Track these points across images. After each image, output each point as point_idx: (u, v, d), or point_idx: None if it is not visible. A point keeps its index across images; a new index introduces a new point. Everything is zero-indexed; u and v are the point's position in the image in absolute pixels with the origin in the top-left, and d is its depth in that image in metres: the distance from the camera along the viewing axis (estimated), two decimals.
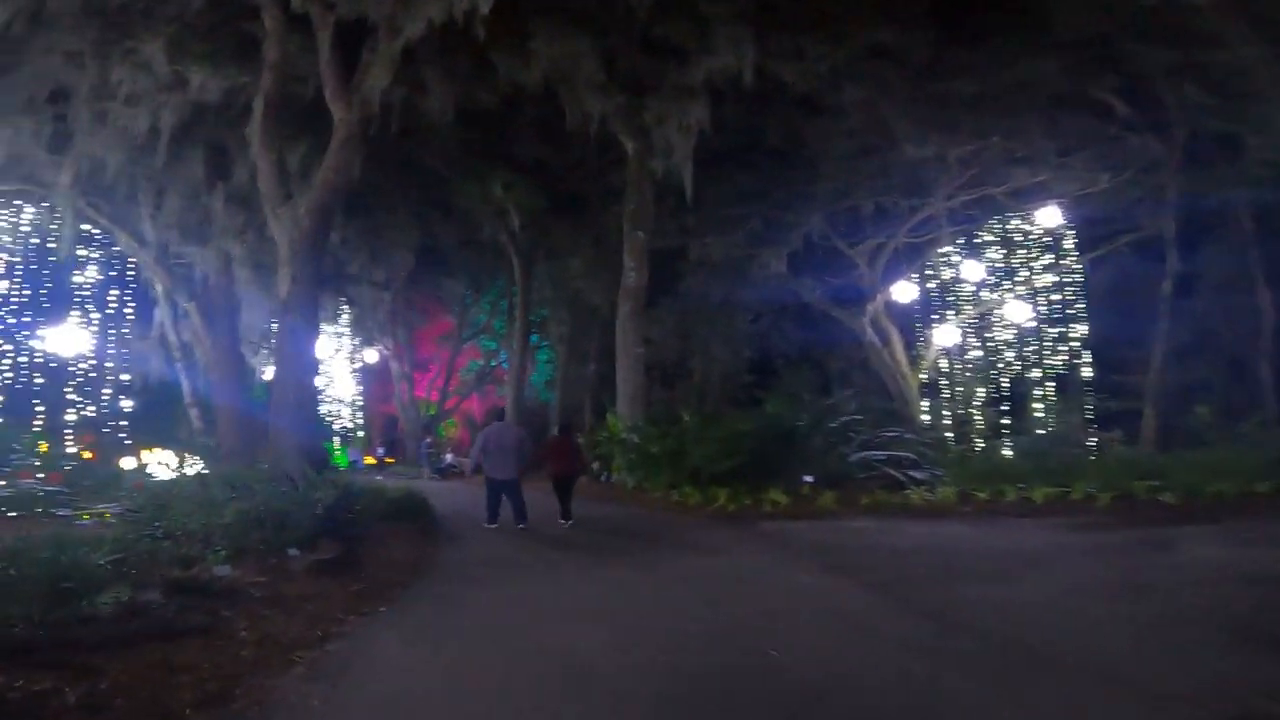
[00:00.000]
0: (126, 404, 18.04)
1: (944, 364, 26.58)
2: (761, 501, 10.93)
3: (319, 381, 30.60)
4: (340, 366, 30.54)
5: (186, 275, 14.39)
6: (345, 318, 26.61)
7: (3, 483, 8.10)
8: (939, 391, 26.14)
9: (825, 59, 14.98)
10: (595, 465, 15.58)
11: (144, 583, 5.07)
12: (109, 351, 17.75)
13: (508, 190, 20.85)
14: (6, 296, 13.25)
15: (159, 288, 14.91)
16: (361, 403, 32.53)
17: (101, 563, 4.92)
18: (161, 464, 15.75)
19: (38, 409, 14.35)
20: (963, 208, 21.21)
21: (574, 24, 13.69)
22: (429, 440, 23.94)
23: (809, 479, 11.53)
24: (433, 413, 30.48)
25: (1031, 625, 4.91)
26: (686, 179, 16.11)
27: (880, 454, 11.88)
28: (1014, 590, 6.00)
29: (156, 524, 6.86)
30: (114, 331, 17.35)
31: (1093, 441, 18.41)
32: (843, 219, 22.38)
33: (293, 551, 6.52)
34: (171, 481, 7.93)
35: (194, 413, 15.83)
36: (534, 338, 32.18)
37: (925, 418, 23.38)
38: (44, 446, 10.17)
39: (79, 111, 11.58)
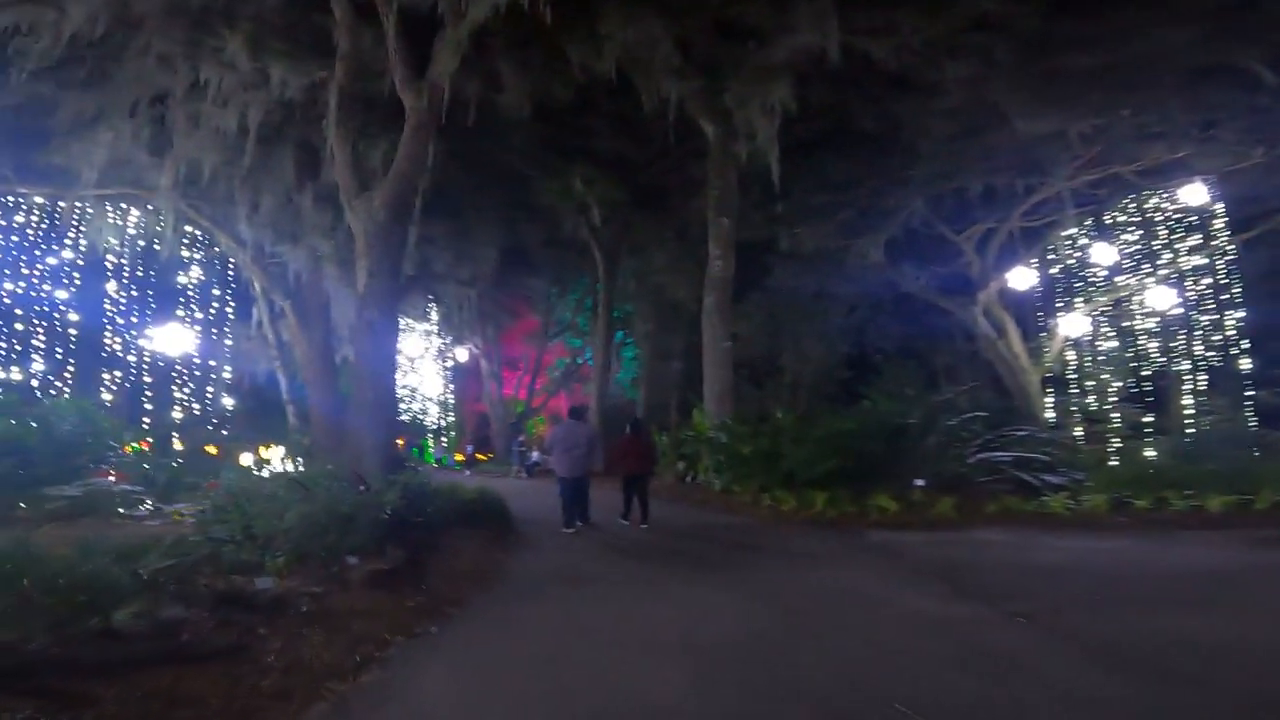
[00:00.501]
0: (229, 402, 18.86)
1: (1071, 356, 23.85)
2: (866, 508, 9.70)
3: (406, 379, 31.75)
4: (429, 364, 31.00)
5: (282, 274, 14.70)
6: (434, 316, 26.82)
7: (74, 485, 8.06)
8: (1065, 386, 23.46)
9: (920, 33, 13.50)
10: (680, 466, 14.69)
11: (184, 594, 4.64)
12: (212, 351, 18.55)
13: (588, 185, 20.38)
14: (115, 298, 13.80)
15: (257, 287, 15.32)
16: (453, 401, 33.04)
17: (138, 572, 4.49)
18: (265, 461, 16.33)
19: (146, 407, 15.10)
20: (1087, 187, 18.86)
21: (644, 6, 12.89)
22: (521, 439, 23.83)
23: (921, 483, 10.16)
24: (520, 410, 30.54)
25: (1265, 671, 3.62)
26: (773, 163, 14.99)
27: (1005, 455, 10.33)
28: (1215, 621, 4.64)
29: (221, 526, 6.57)
30: (216, 331, 18.10)
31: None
32: (947, 203, 20.48)
33: (352, 560, 6.01)
34: (249, 480, 7.72)
35: (290, 410, 16.26)
36: (620, 335, 31.73)
37: (1050, 415, 20.97)
38: (143, 444, 10.56)
39: (175, 114, 11.86)
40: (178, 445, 16.44)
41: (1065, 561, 7.08)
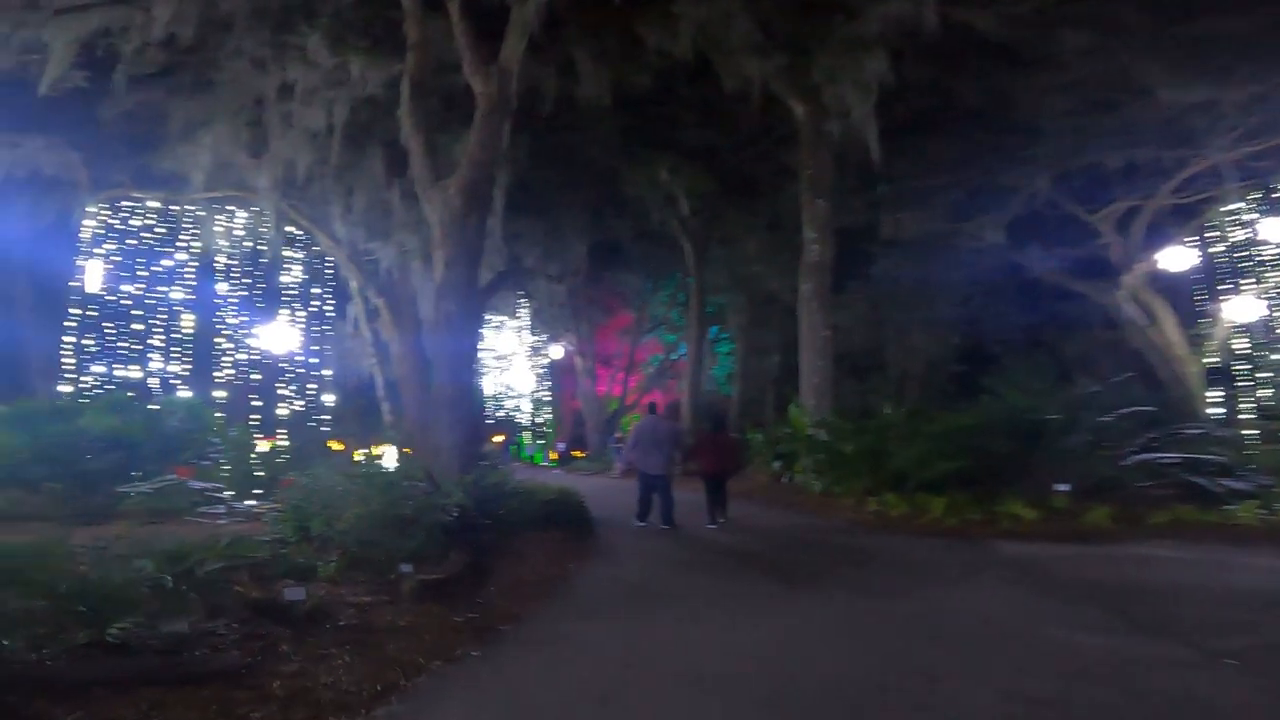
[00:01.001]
0: (329, 398, 19.54)
1: (1240, 344, 20.52)
2: (996, 516, 8.28)
3: (501, 376, 32.28)
4: (521, 361, 31.20)
5: (376, 271, 14.88)
6: (525, 313, 26.85)
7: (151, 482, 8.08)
8: (1233, 378, 20.19)
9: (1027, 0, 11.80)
10: (775, 465, 13.54)
11: (213, 603, 4.20)
12: (313, 348, 19.24)
13: (674, 175, 19.63)
14: (225, 298, 14.38)
15: (353, 284, 15.61)
16: (549, 398, 33.15)
17: (163, 577, 4.08)
18: (377, 458, 16.67)
19: (254, 404, 15.74)
20: (1249, 159, 15.97)
21: None
22: (617, 435, 23.35)
23: (1064, 487, 8.59)
24: (615, 407, 30.15)
25: None
26: (871, 141, 13.63)
27: (1172, 456, 8.55)
28: None
29: (283, 526, 6.26)
30: (317, 329, 18.76)
31: None
32: (1077, 181, 18.08)
33: (405, 567, 5.47)
34: (321, 478, 7.50)
35: (385, 406, 16.53)
36: (714, 330, 30.70)
37: (1215, 410, 18.02)
38: (270, 440, 10.91)
39: (270, 114, 12.08)
40: (288, 441, 17.09)
41: (1272, 586, 5.52)
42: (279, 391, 14.72)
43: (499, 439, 37.41)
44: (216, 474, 9.37)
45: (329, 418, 18.80)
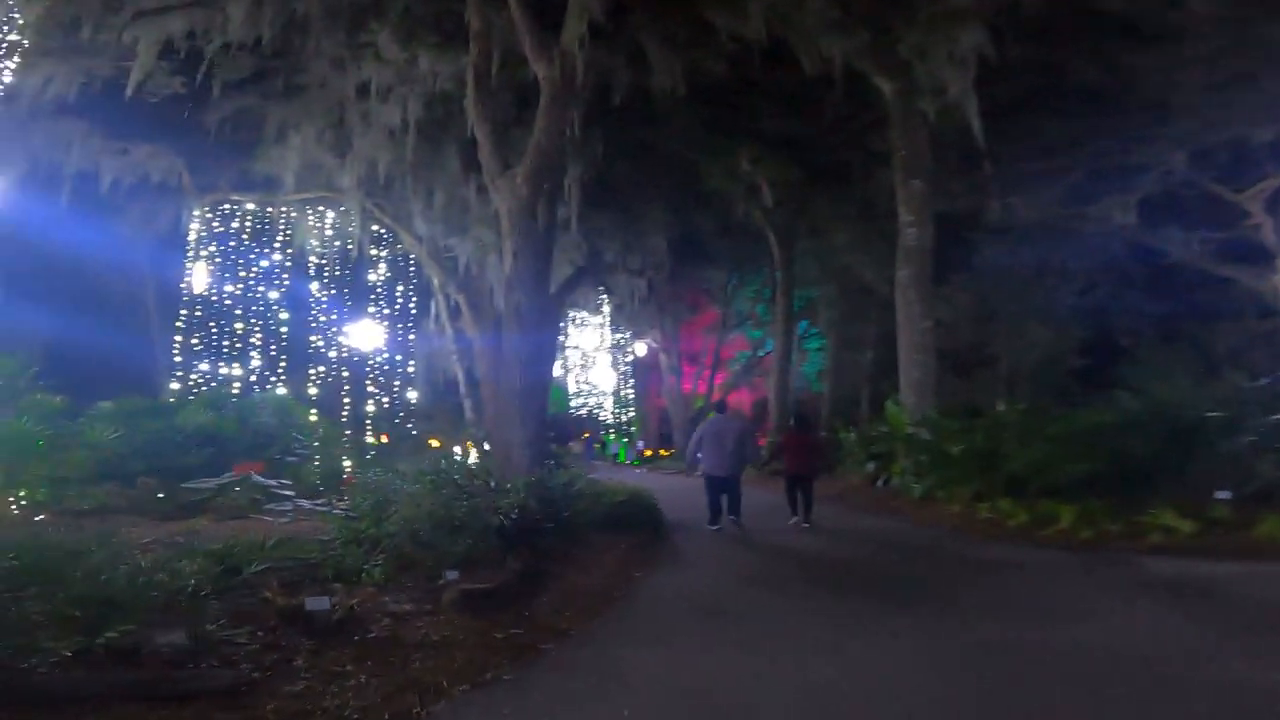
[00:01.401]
0: (413, 395, 19.95)
1: None
2: (1140, 527, 6.96)
3: (583, 373, 32.01)
4: (604, 358, 30.91)
5: (455, 267, 14.93)
6: (607, 310, 26.50)
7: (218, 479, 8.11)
8: None
9: None
10: (870, 467, 12.39)
11: (235, 610, 3.88)
12: (400, 346, 19.66)
13: (756, 165, 18.77)
14: (318, 297, 14.90)
15: (435, 281, 15.75)
16: (632, 396, 32.76)
17: (182, 581, 3.79)
18: (465, 455, 16.88)
19: (345, 402, 16.24)
20: None
21: None
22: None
23: (1224, 495, 7.14)
24: (700, 405, 29.33)
25: None
26: (972, 119, 12.41)
27: None
28: None
29: (337, 526, 6.00)
30: (402, 327, 19.16)
31: None
32: (1218, 157, 15.73)
33: (450, 574, 5.04)
34: (382, 477, 7.32)
35: (467, 404, 16.62)
36: (803, 325, 29.34)
37: None
38: (383, 437, 11.15)
39: (350, 114, 12.22)
40: (383, 439, 17.51)
41: None
42: (367, 389, 15.20)
43: (585, 436, 37.47)
44: (296, 470, 9.41)
45: (414, 415, 19.24)
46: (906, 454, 10.89)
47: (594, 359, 30.03)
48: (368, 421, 14.98)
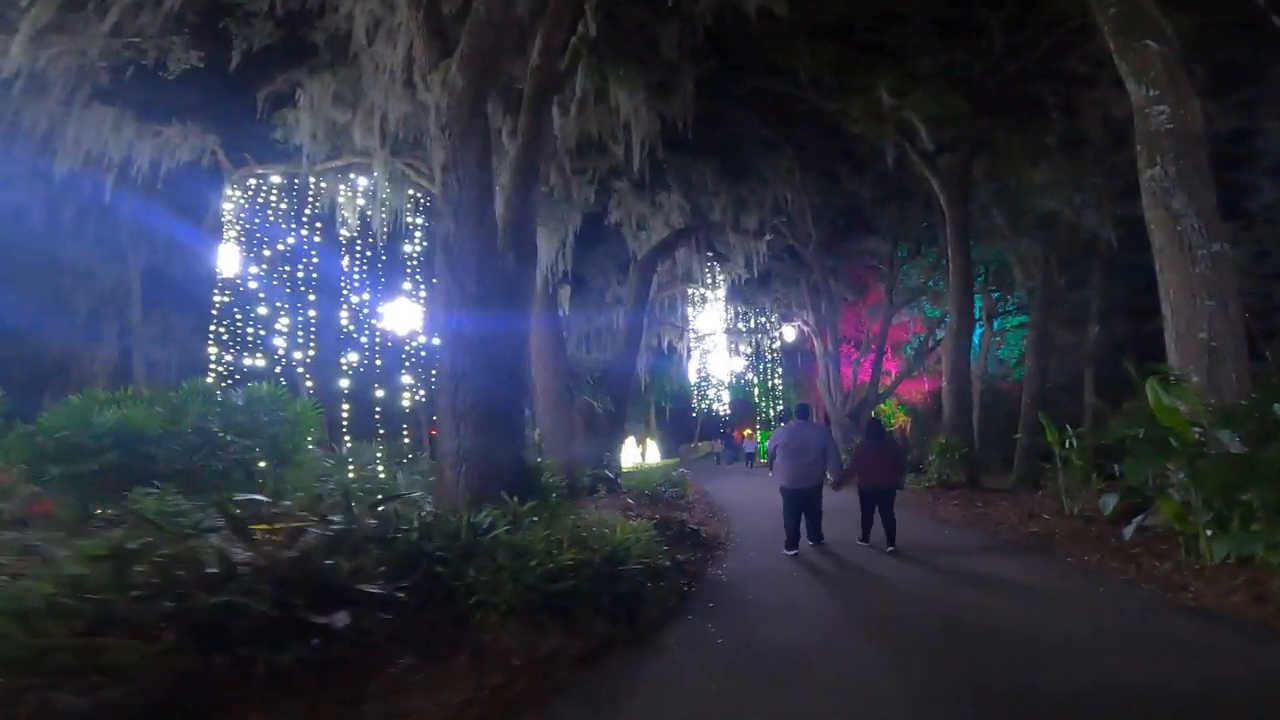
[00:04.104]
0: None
1: None
2: None
3: (699, 361, 27.14)
4: (719, 342, 26.02)
5: None
6: (720, 285, 21.78)
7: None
8: None
9: None
10: (1106, 497, 6.85)
11: None
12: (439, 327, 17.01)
13: (901, 98, 13.81)
14: (349, 274, 12.58)
15: None
16: (780, 387, 27.54)
17: None
18: None
19: (379, 394, 13.90)
20: None
21: None
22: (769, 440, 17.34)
23: None
24: (865, 396, 23.59)
25: None
26: None
27: None
28: None
29: None
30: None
31: None
32: None
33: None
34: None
35: None
36: (996, 296, 22.38)
37: None
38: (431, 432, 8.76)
39: (364, 64, 9.63)
40: (431, 434, 15.03)
41: None
42: (403, 380, 12.87)
43: (745, 434, 32.95)
44: (224, 487, 6.73)
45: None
46: (1194, 476, 5.42)
47: (712, 343, 25.37)
48: (402, 419, 12.23)
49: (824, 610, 5.13)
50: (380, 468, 8.87)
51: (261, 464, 7.75)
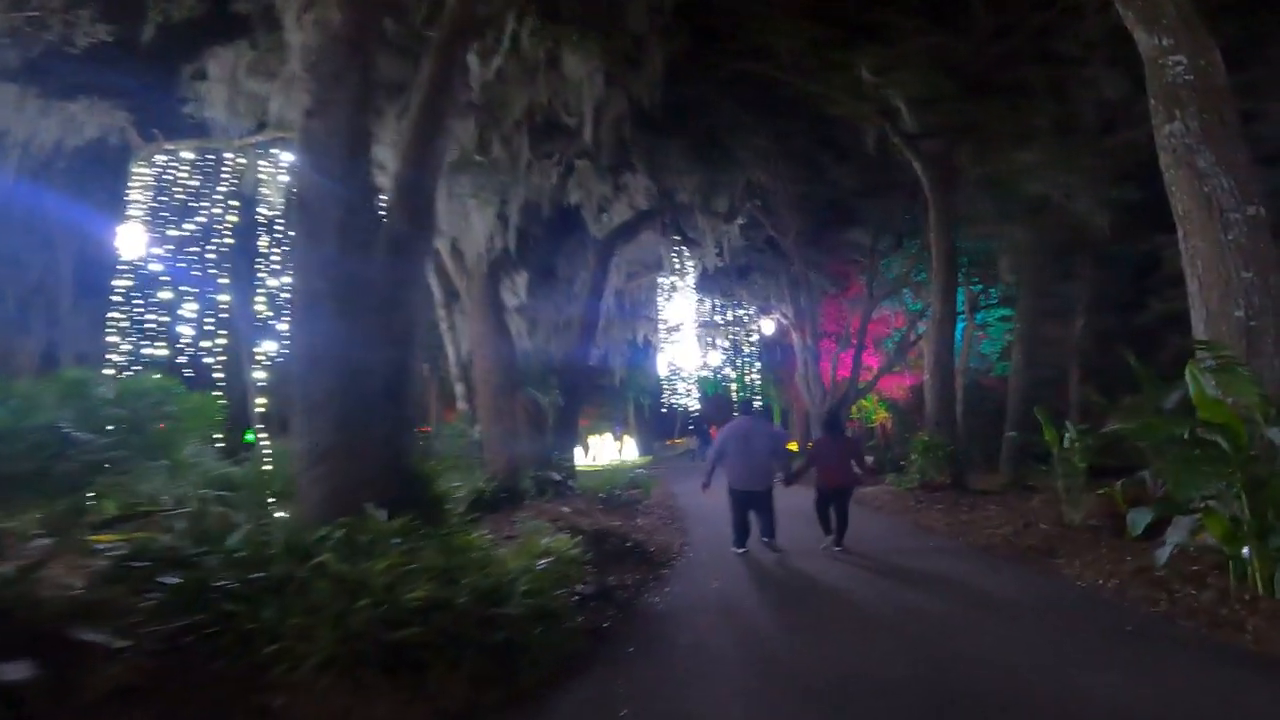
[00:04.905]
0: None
1: None
2: None
3: (669, 355, 25.61)
4: (691, 334, 24.76)
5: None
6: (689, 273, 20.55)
7: None
8: None
9: None
10: (1135, 522, 5.66)
11: None
12: None
13: (882, 75, 12.83)
14: (265, 255, 11.18)
15: None
16: (759, 381, 26.31)
17: None
18: None
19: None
20: None
21: None
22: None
23: None
24: (844, 393, 22.44)
25: None
26: None
27: None
28: None
29: None
30: None
31: None
32: None
33: None
34: None
35: (459, 388, 12.15)
36: (979, 288, 21.40)
37: None
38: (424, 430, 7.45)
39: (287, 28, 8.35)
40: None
41: None
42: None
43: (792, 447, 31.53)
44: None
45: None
46: (1251, 489, 4.21)
47: (679, 335, 24.09)
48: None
49: (784, 662, 3.89)
50: (270, 466, 7.56)
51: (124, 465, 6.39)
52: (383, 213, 5.33)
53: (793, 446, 17.04)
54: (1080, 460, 7.27)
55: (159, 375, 7.52)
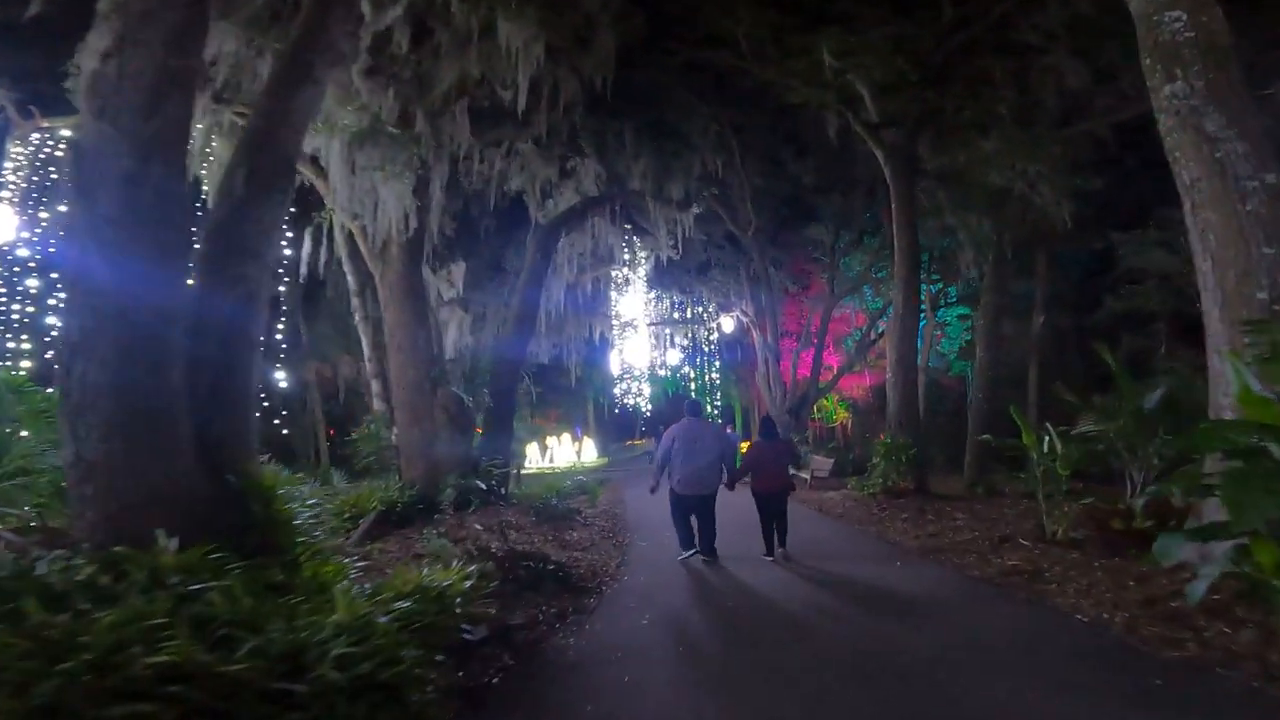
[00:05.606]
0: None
1: None
2: None
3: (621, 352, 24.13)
4: (644, 331, 23.78)
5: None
6: (642, 265, 19.56)
7: None
8: None
9: None
10: (1139, 515, 4.83)
11: None
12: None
13: (844, 59, 12.10)
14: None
15: (328, 202, 9.98)
16: (718, 381, 25.45)
17: None
18: None
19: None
20: None
21: None
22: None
23: None
24: (804, 392, 21.71)
25: None
26: None
27: None
28: None
29: None
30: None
31: None
32: None
33: None
34: None
35: (374, 384, 10.87)
36: (938, 286, 20.94)
37: None
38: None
39: None
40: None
41: None
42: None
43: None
44: None
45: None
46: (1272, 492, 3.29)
47: (668, 336, 23.10)
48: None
49: None
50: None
51: None
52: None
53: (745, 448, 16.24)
54: (1064, 467, 6.43)
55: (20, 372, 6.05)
